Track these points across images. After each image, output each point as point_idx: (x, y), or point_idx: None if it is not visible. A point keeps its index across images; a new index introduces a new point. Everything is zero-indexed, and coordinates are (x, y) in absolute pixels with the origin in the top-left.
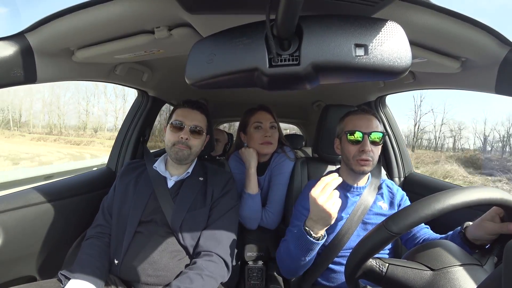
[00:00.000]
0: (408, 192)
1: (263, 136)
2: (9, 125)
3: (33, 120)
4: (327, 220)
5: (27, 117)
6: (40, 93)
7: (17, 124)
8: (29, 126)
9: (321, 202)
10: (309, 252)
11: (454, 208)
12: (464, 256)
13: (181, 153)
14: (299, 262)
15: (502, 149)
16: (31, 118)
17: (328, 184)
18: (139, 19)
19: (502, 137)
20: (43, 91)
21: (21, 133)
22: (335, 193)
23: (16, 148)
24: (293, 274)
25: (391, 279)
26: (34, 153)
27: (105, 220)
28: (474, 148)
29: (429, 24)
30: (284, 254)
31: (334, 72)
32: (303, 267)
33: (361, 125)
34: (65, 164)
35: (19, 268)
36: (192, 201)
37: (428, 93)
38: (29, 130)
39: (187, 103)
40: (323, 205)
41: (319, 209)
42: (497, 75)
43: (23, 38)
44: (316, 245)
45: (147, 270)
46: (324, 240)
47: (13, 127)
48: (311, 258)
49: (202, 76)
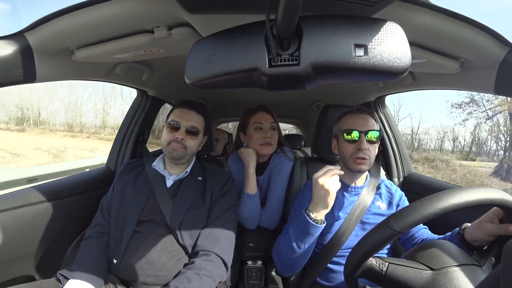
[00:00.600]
0: (407, 192)
1: (263, 137)
2: (28, 123)
3: (52, 118)
4: (326, 200)
5: (45, 116)
6: (58, 93)
7: (36, 122)
8: (49, 124)
9: (321, 181)
10: (307, 236)
11: (456, 207)
12: (463, 256)
13: (175, 153)
14: (297, 252)
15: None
16: (49, 116)
17: (330, 169)
18: (139, 19)
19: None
20: (61, 91)
21: (51, 131)
22: (335, 177)
23: (64, 143)
24: (289, 269)
25: (391, 278)
26: (93, 146)
27: (104, 219)
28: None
29: (428, 24)
30: (282, 245)
31: (333, 72)
32: (299, 260)
33: (358, 124)
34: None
35: (17, 268)
36: (191, 201)
37: (406, 100)
38: (49, 128)
39: (184, 103)
40: (323, 184)
41: (319, 188)
42: (496, 75)
43: (23, 37)
44: (315, 229)
45: (146, 270)
46: (324, 225)
47: (33, 125)
48: (308, 247)
49: (201, 75)
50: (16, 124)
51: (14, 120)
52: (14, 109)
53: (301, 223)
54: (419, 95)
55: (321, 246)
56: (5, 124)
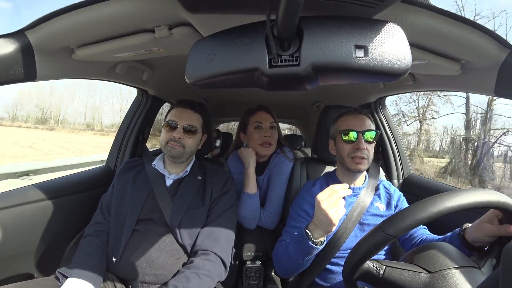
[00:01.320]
0: (406, 194)
1: (262, 136)
2: (49, 121)
3: (71, 117)
4: (328, 226)
5: (64, 115)
6: (76, 93)
7: (57, 121)
8: (70, 123)
9: (324, 206)
10: (307, 255)
11: (450, 211)
12: (461, 258)
13: (174, 151)
14: (296, 264)
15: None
16: (67, 116)
17: (336, 192)
18: (140, 18)
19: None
20: (80, 93)
21: (85, 129)
22: (340, 201)
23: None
24: (289, 274)
25: (388, 281)
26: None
27: (103, 218)
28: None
29: (429, 26)
30: (282, 254)
31: (334, 73)
32: (299, 268)
33: (355, 124)
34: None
35: (16, 266)
36: (190, 200)
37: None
38: (71, 127)
39: (181, 102)
40: (326, 209)
41: (321, 213)
42: (497, 77)
43: (23, 35)
44: (315, 250)
45: (145, 269)
46: (324, 245)
47: (54, 123)
48: (308, 259)
49: (202, 75)
50: (37, 123)
51: (33, 119)
52: (35, 109)
53: (300, 241)
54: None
55: None
56: (31, 123)
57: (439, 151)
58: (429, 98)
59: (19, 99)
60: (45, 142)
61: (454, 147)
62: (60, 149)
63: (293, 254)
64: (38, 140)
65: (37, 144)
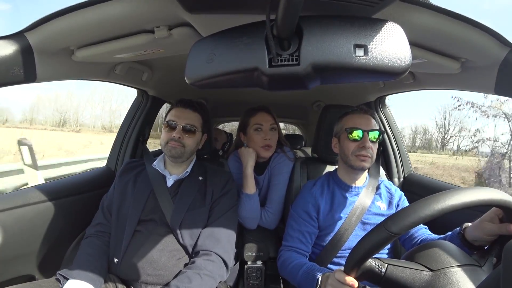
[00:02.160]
0: (407, 193)
1: (263, 138)
2: (68, 124)
3: (89, 120)
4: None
5: (81, 119)
6: (91, 97)
7: (76, 124)
8: (89, 126)
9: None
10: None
11: (453, 208)
12: (463, 257)
13: (174, 151)
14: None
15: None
16: (86, 119)
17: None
18: (139, 19)
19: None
20: (97, 98)
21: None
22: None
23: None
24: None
25: (390, 280)
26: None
27: (105, 218)
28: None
29: (429, 24)
30: (287, 273)
31: (334, 72)
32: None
33: (361, 123)
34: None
35: (17, 267)
36: (191, 201)
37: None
38: (91, 130)
39: (180, 102)
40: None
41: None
42: (497, 76)
43: (23, 37)
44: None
45: (146, 269)
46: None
47: (73, 126)
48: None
49: (202, 75)
50: (56, 126)
51: (51, 122)
52: (55, 114)
53: (308, 281)
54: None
55: (321, 247)
56: (56, 126)
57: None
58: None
59: (35, 103)
60: (71, 141)
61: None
62: (83, 147)
63: (298, 282)
64: (64, 139)
65: (64, 143)
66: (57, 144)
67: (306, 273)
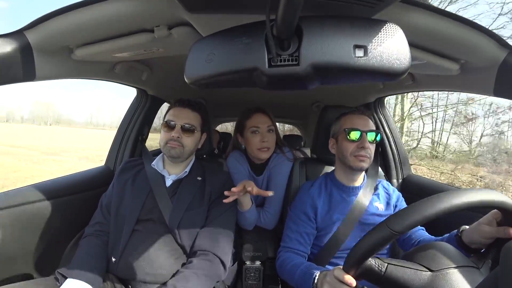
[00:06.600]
0: (406, 194)
1: (260, 141)
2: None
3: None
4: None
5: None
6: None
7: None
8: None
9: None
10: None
11: (457, 208)
12: (462, 258)
13: (173, 150)
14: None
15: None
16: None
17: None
18: (139, 18)
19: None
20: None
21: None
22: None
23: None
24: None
25: (390, 279)
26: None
27: (104, 217)
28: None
29: (428, 26)
30: (285, 274)
31: (333, 72)
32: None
33: (359, 124)
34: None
35: (15, 266)
36: (190, 201)
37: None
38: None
39: (178, 102)
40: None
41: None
42: (496, 77)
43: (22, 35)
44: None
45: (145, 268)
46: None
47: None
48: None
49: (201, 75)
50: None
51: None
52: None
53: (305, 281)
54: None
55: (319, 248)
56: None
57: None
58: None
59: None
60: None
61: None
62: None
63: (296, 282)
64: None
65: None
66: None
67: (303, 272)
